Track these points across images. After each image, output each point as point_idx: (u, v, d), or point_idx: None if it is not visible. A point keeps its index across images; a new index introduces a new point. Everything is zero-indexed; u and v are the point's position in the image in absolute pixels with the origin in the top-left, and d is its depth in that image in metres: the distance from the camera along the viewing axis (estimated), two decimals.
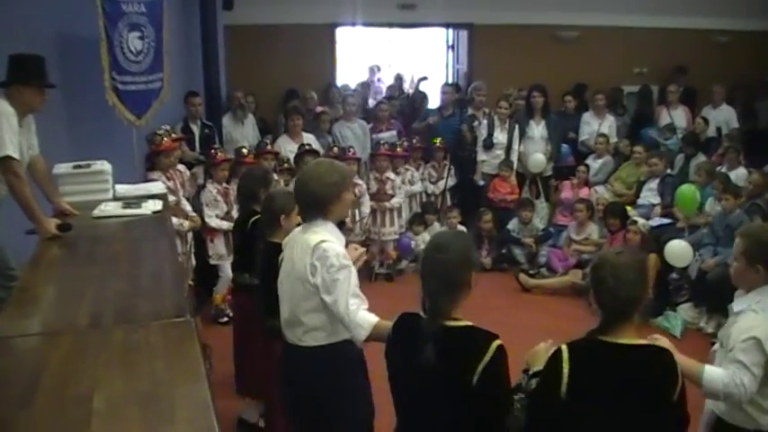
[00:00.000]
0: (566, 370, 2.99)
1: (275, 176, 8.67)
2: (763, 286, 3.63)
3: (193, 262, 7.80)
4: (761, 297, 3.61)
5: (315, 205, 3.96)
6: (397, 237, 9.70)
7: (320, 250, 3.83)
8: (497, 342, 3.08)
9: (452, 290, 3.16)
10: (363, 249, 4.34)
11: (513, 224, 10.04)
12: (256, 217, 5.33)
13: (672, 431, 3.05)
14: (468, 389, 3.03)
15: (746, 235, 3.72)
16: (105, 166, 5.35)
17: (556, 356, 3.07)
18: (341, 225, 4.60)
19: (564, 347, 3.06)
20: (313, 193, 3.93)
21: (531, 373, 3.28)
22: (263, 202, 5.02)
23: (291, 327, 4.02)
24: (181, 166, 7.92)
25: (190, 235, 7.72)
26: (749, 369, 3.41)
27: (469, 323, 3.17)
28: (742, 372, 3.41)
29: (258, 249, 4.91)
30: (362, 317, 3.78)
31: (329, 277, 3.79)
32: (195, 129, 9.03)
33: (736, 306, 3.71)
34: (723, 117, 11.51)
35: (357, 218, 9.28)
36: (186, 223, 7.58)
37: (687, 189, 8.76)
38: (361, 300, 3.84)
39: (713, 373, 3.46)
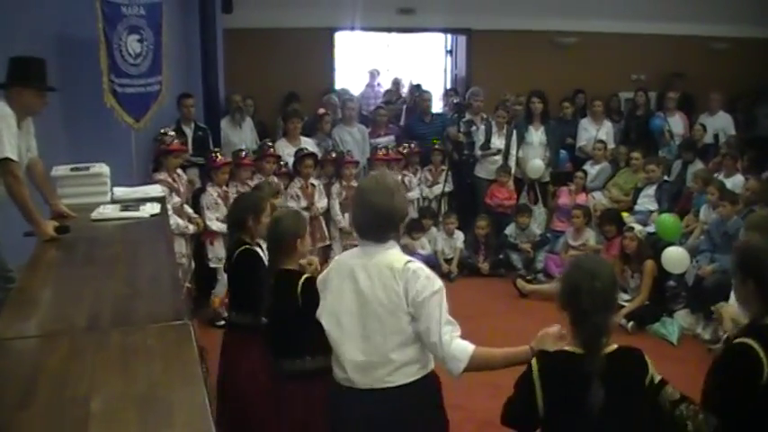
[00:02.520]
0: (765, 360, 3.10)
1: (275, 179, 8.72)
2: None
3: (192, 265, 7.80)
4: None
5: (391, 222, 3.55)
6: None
7: (410, 272, 3.43)
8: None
9: (610, 314, 3.19)
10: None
11: (510, 229, 10.06)
12: (243, 247, 4.92)
13: None
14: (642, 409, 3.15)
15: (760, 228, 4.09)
16: (103, 168, 5.36)
17: (745, 351, 3.17)
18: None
19: (749, 341, 3.16)
20: (379, 208, 3.49)
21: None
22: (271, 227, 4.48)
23: (369, 369, 3.49)
24: (179, 170, 7.92)
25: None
26: None
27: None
28: None
29: (254, 283, 4.58)
30: (457, 347, 3.41)
31: (421, 302, 3.40)
32: (188, 131, 9.00)
33: None
34: (720, 124, 11.52)
35: None
36: (191, 226, 7.60)
37: (666, 219, 8.76)
38: (453, 327, 3.44)
39: None
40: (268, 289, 4.29)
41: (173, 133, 7.87)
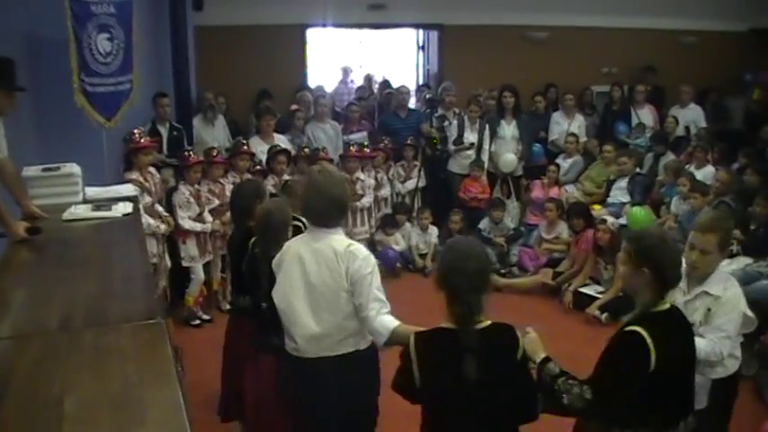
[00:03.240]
0: (651, 347, 3.27)
1: (249, 177, 8.68)
2: (716, 270, 4.29)
3: (167, 263, 7.77)
4: (724, 276, 4.34)
5: (336, 212, 4.03)
6: (367, 236, 9.72)
7: (349, 254, 3.90)
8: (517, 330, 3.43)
9: (482, 293, 3.34)
10: None
11: (484, 224, 10.09)
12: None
13: None
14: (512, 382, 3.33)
15: (717, 229, 4.28)
16: (75, 168, 5.32)
17: (635, 339, 3.33)
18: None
19: (639, 329, 3.34)
20: (335, 199, 3.98)
21: (540, 360, 3.47)
22: (262, 219, 4.70)
23: (319, 340, 3.99)
24: (152, 169, 7.86)
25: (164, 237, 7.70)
26: (732, 338, 4.13)
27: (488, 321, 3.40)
28: (724, 342, 4.06)
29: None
30: (381, 322, 3.82)
31: (357, 279, 3.87)
32: (163, 131, 8.97)
33: (713, 290, 4.20)
34: (691, 116, 11.66)
35: None
36: (163, 226, 7.57)
37: (638, 212, 8.83)
38: (382, 304, 3.88)
39: (698, 342, 3.83)
40: (264, 276, 4.45)
41: (140, 130, 7.79)
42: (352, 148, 9.86)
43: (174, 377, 2.60)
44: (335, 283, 3.90)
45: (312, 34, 12.63)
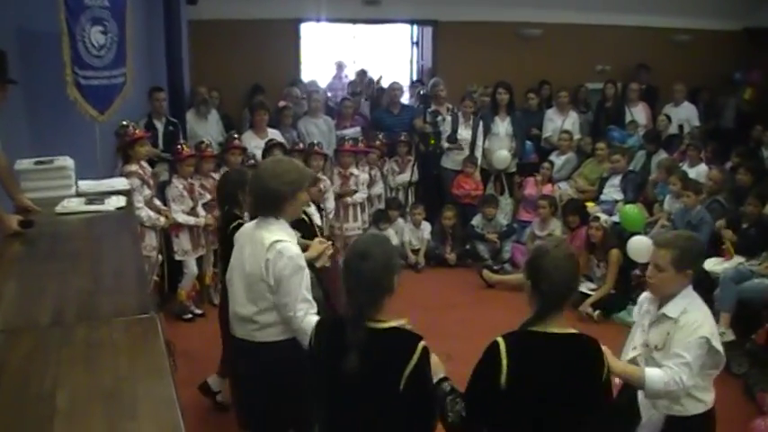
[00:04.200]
0: (504, 361, 3.07)
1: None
2: (686, 289, 4.02)
3: (159, 257, 7.75)
4: (689, 299, 4.01)
5: (270, 203, 4.02)
6: (360, 232, 9.73)
7: (275, 250, 3.91)
8: (422, 344, 3.14)
9: (377, 294, 3.20)
10: (328, 243, 4.50)
11: (476, 220, 10.10)
12: (237, 222, 5.12)
13: (598, 408, 3.20)
14: (395, 392, 3.09)
15: (671, 245, 4.00)
16: (68, 161, 5.31)
17: (492, 349, 3.14)
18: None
19: (500, 340, 3.13)
20: (270, 190, 3.98)
21: (436, 380, 3.31)
22: (220, 183, 4.97)
23: (243, 322, 4.11)
24: (143, 163, 7.84)
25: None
26: (691, 366, 3.77)
27: (394, 324, 3.22)
28: (683, 369, 3.75)
29: None
30: (308, 323, 3.79)
31: (281, 278, 3.90)
32: (159, 125, 8.96)
33: (671, 312, 3.98)
34: (684, 115, 11.67)
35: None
36: (162, 219, 7.56)
37: (630, 209, 8.83)
38: (309, 305, 3.95)
39: (653, 373, 3.79)
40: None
41: (131, 122, 7.74)
42: (347, 142, 9.85)
43: (167, 371, 2.60)
44: (258, 273, 3.96)
45: (306, 29, 12.62)
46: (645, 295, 4.29)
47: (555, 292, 3.17)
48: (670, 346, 3.89)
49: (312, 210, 6.56)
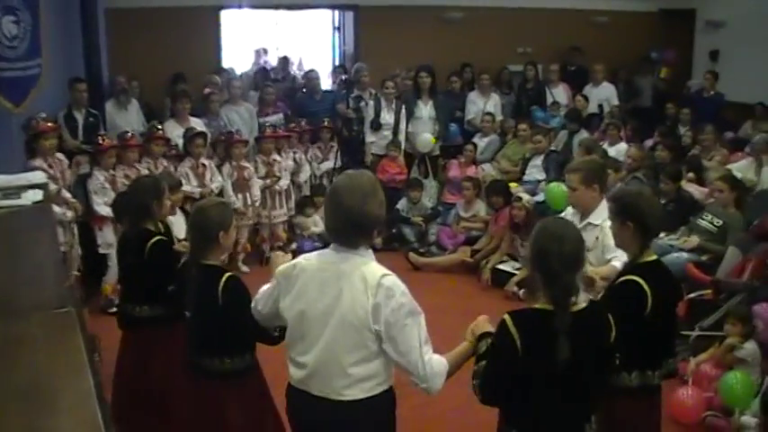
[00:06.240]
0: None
1: (164, 162, 8.59)
2: (604, 201, 4.85)
3: (79, 251, 7.63)
4: (604, 207, 4.62)
5: (367, 230, 3.28)
6: (286, 218, 9.72)
7: (384, 288, 3.16)
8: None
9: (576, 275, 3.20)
10: (289, 255, 3.94)
11: (402, 204, 10.17)
12: (157, 239, 4.74)
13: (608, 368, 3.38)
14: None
15: (577, 169, 5.12)
16: None
17: (632, 285, 3.67)
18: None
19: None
20: (369, 216, 3.22)
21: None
22: (193, 218, 4.07)
23: (325, 378, 3.27)
24: (60, 155, 7.71)
25: (75, 224, 7.56)
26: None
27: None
28: (623, 255, 4.21)
29: (172, 277, 4.47)
30: (437, 363, 3.29)
31: (397, 322, 3.16)
32: (79, 117, 8.79)
33: (594, 220, 4.98)
34: (604, 94, 11.89)
35: (249, 201, 9.24)
36: (69, 213, 7.42)
37: (554, 188, 8.96)
38: (430, 344, 3.28)
39: (618, 264, 4.42)
40: (191, 281, 3.95)
41: (41, 116, 7.58)
42: (267, 129, 9.80)
43: (86, 366, 2.59)
44: (358, 319, 3.23)
45: (227, 16, 12.49)
46: (569, 209, 5.33)
47: (655, 221, 3.87)
48: (603, 246, 4.82)
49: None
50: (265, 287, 3.58)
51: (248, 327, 3.76)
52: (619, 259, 4.47)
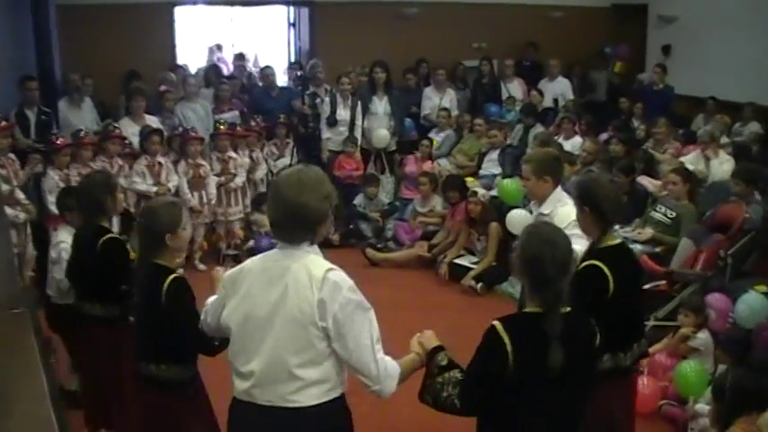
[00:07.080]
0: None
1: (120, 162, 8.53)
2: (555, 192, 5.00)
3: (33, 252, 7.55)
4: (557, 198, 4.97)
5: (307, 224, 3.13)
6: (242, 216, 9.68)
7: (330, 282, 3.04)
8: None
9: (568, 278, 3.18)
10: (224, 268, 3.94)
11: (359, 200, 10.19)
12: (109, 237, 4.64)
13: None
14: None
15: (530, 160, 5.20)
16: None
17: (593, 269, 3.82)
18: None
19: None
20: (308, 208, 3.09)
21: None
22: (142, 218, 3.99)
23: (271, 384, 3.09)
24: (12, 155, 7.63)
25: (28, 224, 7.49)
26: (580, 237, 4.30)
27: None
28: (577, 240, 4.06)
29: (125, 276, 4.37)
30: (390, 364, 3.19)
31: (345, 318, 3.04)
32: (31, 115, 8.71)
33: (544, 210, 5.00)
34: (559, 89, 12.05)
35: (205, 199, 9.19)
36: (22, 214, 7.35)
37: (507, 183, 9.00)
38: (381, 344, 3.16)
39: (579, 248, 4.18)
40: (137, 283, 3.89)
41: None
42: (221, 126, 9.72)
43: (39, 368, 2.58)
44: (304, 316, 3.09)
45: (181, 12, 12.40)
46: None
47: (612, 206, 4.03)
48: None
49: None
50: (212, 298, 3.51)
51: (188, 331, 3.67)
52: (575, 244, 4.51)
